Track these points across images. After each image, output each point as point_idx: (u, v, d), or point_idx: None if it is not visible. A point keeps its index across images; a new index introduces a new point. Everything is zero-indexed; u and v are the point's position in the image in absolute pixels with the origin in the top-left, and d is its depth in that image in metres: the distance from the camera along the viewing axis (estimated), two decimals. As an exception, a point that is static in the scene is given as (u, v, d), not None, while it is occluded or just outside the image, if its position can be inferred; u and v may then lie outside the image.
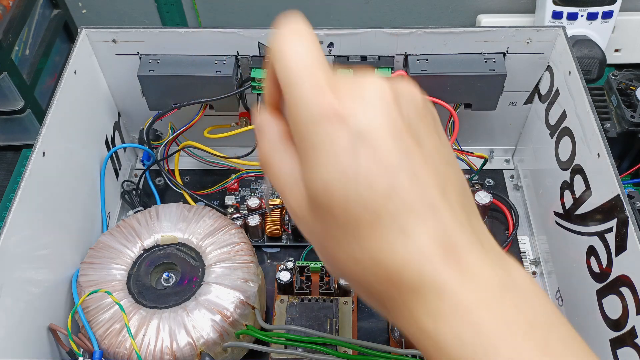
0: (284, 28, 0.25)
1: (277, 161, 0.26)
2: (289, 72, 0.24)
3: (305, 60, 0.24)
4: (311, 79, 0.24)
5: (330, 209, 0.23)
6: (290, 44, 0.24)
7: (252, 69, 0.54)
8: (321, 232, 0.24)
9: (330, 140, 0.23)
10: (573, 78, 0.51)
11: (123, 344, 0.46)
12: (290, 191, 0.25)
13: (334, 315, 0.51)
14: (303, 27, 0.25)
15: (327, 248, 0.25)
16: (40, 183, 0.46)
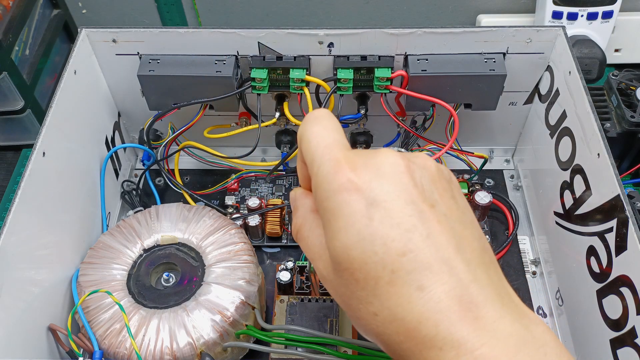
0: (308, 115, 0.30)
1: (307, 231, 0.29)
2: (312, 151, 0.28)
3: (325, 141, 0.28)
4: (330, 157, 0.27)
5: (350, 270, 0.25)
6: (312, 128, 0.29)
7: (252, 69, 0.54)
8: (345, 291, 0.26)
9: (347, 207, 0.25)
10: (573, 78, 0.51)
11: (123, 344, 0.46)
12: (319, 257, 0.28)
13: (334, 315, 0.51)
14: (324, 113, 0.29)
15: (350, 306, 0.26)
16: (40, 183, 0.46)
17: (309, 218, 0.30)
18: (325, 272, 0.28)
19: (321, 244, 0.28)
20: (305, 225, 0.30)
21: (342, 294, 0.27)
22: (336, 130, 0.28)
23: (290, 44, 0.54)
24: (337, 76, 0.53)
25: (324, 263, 0.28)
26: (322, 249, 0.28)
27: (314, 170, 0.27)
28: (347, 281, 0.26)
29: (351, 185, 0.25)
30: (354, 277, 0.25)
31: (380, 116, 0.58)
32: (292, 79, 0.53)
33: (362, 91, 0.56)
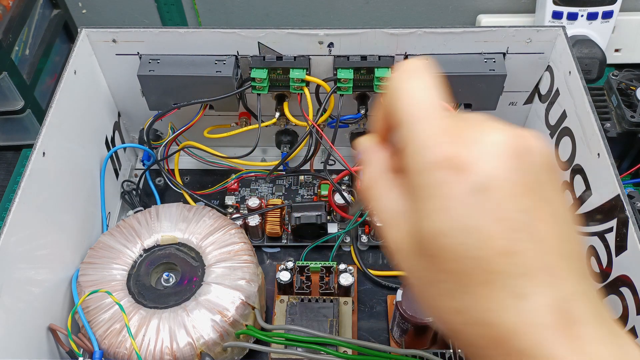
0: (405, 64, 0.25)
1: (382, 191, 0.26)
2: (407, 112, 0.24)
3: (424, 103, 0.24)
4: (430, 123, 0.23)
5: (439, 258, 0.22)
6: (411, 83, 0.24)
7: (252, 69, 0.54)
8: (423, 275, 0.24)
9: (447, 189, 0.22)
10: (573, 78, 0.51)
11: (123, 344, 0.46)
12: (394, 224, 0.25)
13: (334, 315, 0.51)
14: (424, 65, 0.25)
15: (426, 292, 0.24)
16: (40, 183, 0.46)
17: (385, 177, 0.26)
18: (399, 244, 0.24)
19: (398, 210, 0.24)
20: (379, 184, 0.26)
21: (420, 277, 0.24)
22: (435, 89, 0.24)
23: (290, 44, 0.54)
24: (337, 76, 0.53)
25: (399, 232, 0.24)
26: (399, 216, 0.24)
27: (408, 134, 0.23)
28: (431, 267, 0.23)
29: (453, 163, 0.22)
30: (442, 267, 0.22)
31: (380, 116, 0.58)
32: (292, 79, 0.53)
33: (362, 91, 0.56)
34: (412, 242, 0.24)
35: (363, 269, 0.58)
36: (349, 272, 0.53)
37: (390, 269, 0.59)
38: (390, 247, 0.25)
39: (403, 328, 0.49)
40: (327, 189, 0.60)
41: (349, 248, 0.60)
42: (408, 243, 0.24)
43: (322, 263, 0.55)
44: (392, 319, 0.53)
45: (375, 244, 0.60)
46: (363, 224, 0.60)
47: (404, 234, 0.24)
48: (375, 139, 0.28)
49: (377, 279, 0.58)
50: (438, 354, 0.47)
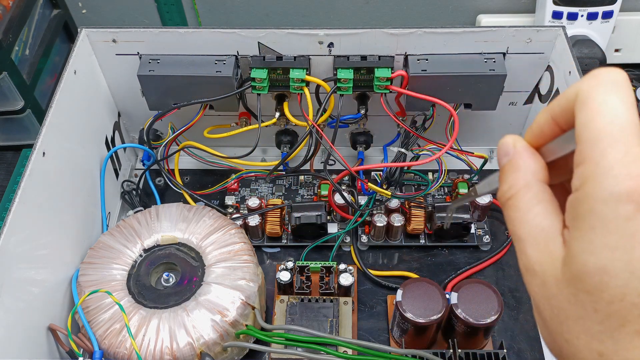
0: (603, 73, 0.22)
1: (526, 203, 0.24)
2: (599, 129, 0.21)
3: (622, 122, 0.21)
4: (626, 149, 0.20)
5: (595, 296, 0.21)
6: (608, 96, 0.21)
7: (252, 69, 0.54)
8: (565, 306, 0.22)
9: (629, 226, 0.20)
10: (573, 78, 0.51)
11: (123, 344, 0.46)
12: (535, 242, 0.23)
13: (334, 315, 0.51)
14: (624, 78, 0.22)
15: (563, 324, 0.22)
16: (40, 183, 0.46)
17: (535, 187, 0.24)
18: (539, 267, 0.23)
19: (544, 228, 0.23)
20: (527, 195, 0.23)
21: (559, 307, 0.22)
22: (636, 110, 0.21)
23: (290, 44, 0.54)
24: (337, 76, 0.53)
25: (542, 255, 0.23)
26: (543, 235, 0.23)
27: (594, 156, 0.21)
28: (579, 302, 0.21)
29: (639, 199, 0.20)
30: (595, 306, 0.21)
31: (380, 116, 0.58)
32: (292, 79, 0.53)
33: (362, 91, 0.56)
34: (563, 269, 0.22)
35: (363, 269, 0.58)
36: (349, 272, 0.53)
37: (391, 269, 0.59)
38: (527, 267, 0.23)
39: (403, 328, 0.49)
40: (327, 189, 0.60)
41: (349, 248, 0.60)
42: (554, 268, 0.22)
43: (322, 263, 0.55)
44: (392, 319, 0.53)
45: (375, 244, 0.60)
46: (363, 224, 0.60)
47: (551, 258, 0.22)
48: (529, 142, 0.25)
49: (377, 279, 0.58)
50: (438, 354, 0.47)
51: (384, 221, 0.58)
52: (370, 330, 0.55)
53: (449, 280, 0.57)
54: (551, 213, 0.23)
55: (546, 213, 0.23)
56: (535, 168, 0.24)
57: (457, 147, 0.59)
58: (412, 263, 0.60)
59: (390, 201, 0.59)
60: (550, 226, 0.23)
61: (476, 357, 0.48)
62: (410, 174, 0.64)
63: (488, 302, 0.48)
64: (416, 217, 0.58)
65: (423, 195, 0.59)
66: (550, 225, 0.23)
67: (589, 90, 0.22)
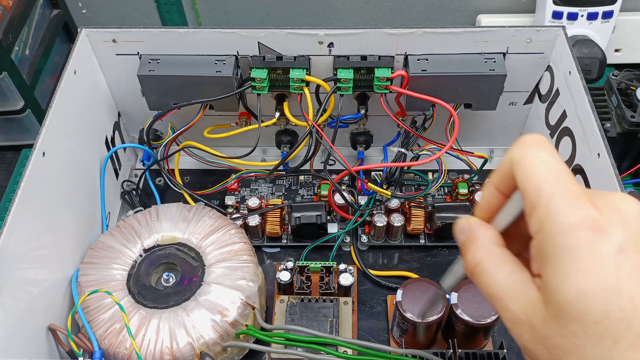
0: (528, 138, 0.25)
1: (493, 266, 0.26)
2: (540, 179, 0.24)
3: (556, 169, 0.24)
4: (566, 188, 0.23)
5: (581, 320, 0.22)
6: (537, 153, 0.25)
7: (252, 69, 0.54)
8: (561, 343, 0.23)
9: (592, 248, 0.22)
10: (573, 78, 0.51)
11: (123, 344, 0.46)
12: (513, 296, 0.25)
13: (334, 315, 0.51)
14: (545, 139, 0.25)
15: (559, 355, 0.23)
16: (40, 183, 0.46)
17: (496, 252, 0.26)
18: (521, 314, 0.24)
19: (516, 282, 0.25)
20: (490, 259, 0.26)
21: (554, 345, 0.23)
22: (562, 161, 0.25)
23: (290, 44, 0.54)
24: (337, 76, 0.53)
25: (522, 303, 0.25)
26: (518, 288, 0.25)
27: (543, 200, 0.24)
28: (570, 332, 0.23)
29: (595, 224, 0.22)
30: (586, 331, 0.22)
31: (380, 116, 0.58)
32: (292, 79, 0.53)
33: (362, 91, 0.56)
34: (546, 308, 0.24)
35: (363, 269, 0.58)
36: (349, 272, 0.53)
37: (391, 269, 0.59)
38: (513, 320, 0.25)
39: (403, 328, 0.49)
40: (327, 189, 0.60)
41: (349, 248, 0.60)
42: (537, 311, 0.24)
43: (322, 263, 0.55)
44: (392, 319, 0.53)
45: (375, 244, 0.60)
46: (363, 224, 0.60)
47: (531, 303, 0.24)
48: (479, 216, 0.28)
49: (377, 279, 0.58)
50: (438, 354, 0.47)
51: (384, 221, 0.58)
52: (370, 330, 0.55)
53: (449, 280, 0.57)
54: (518, 269, 0.25)
55: (513, 270, 0.25)
56: (491, 235, 0.27)
57: (457, 147, 0.59)
58: (412, 263, 0.60)
59: (390, 201, 0.59)
60: (522, 279, 0.25)
61: (476, 357, 0.48)
62: (410, 174, 0.64)
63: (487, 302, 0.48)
64: (416, 217, 0.58)
65: (423, 195, 0.59)
66: (521, 278, 0.25)
67: (521, 153, 0.25)
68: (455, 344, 0.48)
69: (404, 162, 0.58)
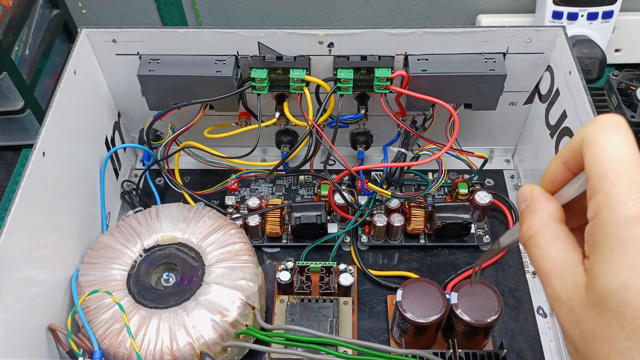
0: (603, 119, 0.25)
1: (546, 240, 0.26)
2: (607, 164, 0.24)
3: (626, 157, 0.23)
4: (632, 178, 0.23)
5: (619, 312, 0.22)
6: (611, 136, 0.24)
7: (252, 69, 0.54)
8: (595, 329, 0.24)
9: None
10: (573, 78, 0.51)
11: (123, 344, 0.46)
12: (559, 274, 0.25)
13: (334, 315, 0.51)
14: (623, 121, 0.25)
15: (592, 345, 0.24)
16: (40, 183, 0.46)
17: (552, 226, 0.26)
18: (565, 295, 0.25)
19: (565, 260, 0.25)
20: (546, 233, 0.26)
21: (588, 330, 0.24)
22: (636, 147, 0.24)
23: (290, 44, 0.54)
24: (337, 76, 0.53)
25: (566, 284, 0.25)
26: (566, 267, 0.25)
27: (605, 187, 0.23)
28: (606, 321, 0.23)
29: None
30: (621, 323, 0.22)
31: (380, 116, 0.58)
32: (292, 79, 0.53)
33: (362, 91, 0.56)
34: (587, 293, 0.24)
35: (363, 269, 0.58)
36: (349, 272, 0.53)
37: (391, 269, 0.59)
38: (554, 297, 0.25)
39: (403, 328, 0.49)
40: (327, 189, 0.60)
41: (349, 248, 0.60)
42: (579, 293, 0.24)
43: (322, 263, 0.55)
44: (392, 319, 0.53)
45: (375, 244, 0.60)
46: (363, 224, 0.60)
47: (575, 285, 0.24)
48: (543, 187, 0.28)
49: (377, 279, 0.58)
50: (438, 354, 0.47)
51: (384, 221, 0.58)
52: (370, 330, 0.55)
53: (449, 280, 0.57)
54: (570, 247, 0.25)
55: (566, 247, 0.26)
56: (551, 209, 0.27)
57: (457, 147, 0.59)
58: (412, 263, 0.60)
59: (390, 201, 0.59)
60: (571, 258, 0.25)
61: (476, 357, 0.48)
62: (410, 174, 0.64)
63: (488, 302, 0.48)
64: (416, 217, 0.58)
65: (423, 195, 0.59)
66: (570, 257, 0.25)
67: (593, 134, 0.25)
68: (455, 344, 0.48)
69: (404, 162, 0.58)
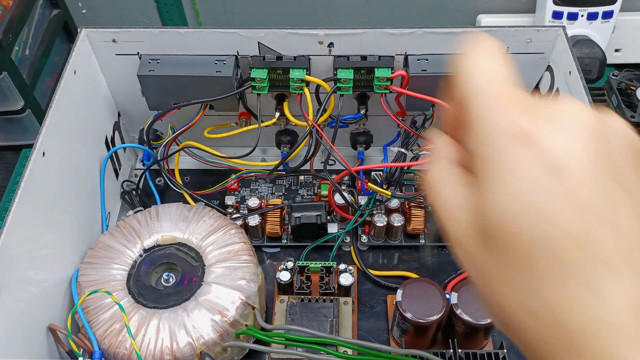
0: (473, 44, 0.24)
1: (445, 187, 0.24)
2: (474, 84, 0.22)
3: (493, 74, 0.22)
4: (499, 93, 0.21)
5: (504, 242, 0.20)
6: (478, 58, 0.23)
7: (252, 69, 0.54)
8: (487, 265, 0.22)
9: (517, 164, 0.20)
10: (573, 78, 0.51)
11: (123, 344, 0.46)
12: (455, 217, 0.23)
13: (334, 315, 0.51)
14: (494, 42, 0.24)
15: (489, 285, 0.22)
16: (40, 183, 0.46)
17: (451, 173, 0.24)
18: (460, 235, 0.23)
19: (461, 203, 0.23)
20: (446, 181, 0.24)
21: (483, 269, 0.22)
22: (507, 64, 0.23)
23: (290, 44, 0.54)
24: (337, 76, 0.53)
25: (461, 224, 0.22)
26: (461, 208, 0.23)
27: (475, 107, 0.22)
28: (495, 255, 0.21)
29: (524, 135, 0.20)
30: (507, 253, 0.20)
31: (381, 116, 0.58)
32: (292, 79, 0.53)
33: (362, 91, 0.56)
34: (476, 231, 0.22)
35: (363, 269, 0.58)
36: (349, 272, 0.53)
37: (391, 269, 0.59)
38: (452, 243, 0.23)
39: (403, 328, 0.49)
40: (327, 189, 0.60)
41: (349, 248, 0.60)
42: (471, 234, 0.22)
43: (322, 263, 0.55)
44: (392, 319, 0.53)
45: (375, 244, 0.60)
46: (363, 224, 0.60)
47: (467, 225, 0.22)
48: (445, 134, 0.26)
49: (377, 279, 0.58)
50: (438, 354, 0.47)
51: (384, 221, 0.58)
52: (370, 330, 0.55)
53: (449, 280, 0.57)
54: (467, 187, 0.23)
55: (462, 190, 0.23)
56: (449, 153, 0.25)
57: (457, 147, 0.59)
58: (412, 263, 0.60)
59: (390, 201, 0.59)
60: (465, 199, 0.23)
61: (476, 357, 0.48)
62: (410, 174, 0.64)
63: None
64: (416, 217, 0.58)
65: (423, 195, 0.59)
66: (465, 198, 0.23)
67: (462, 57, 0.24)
68: (455, 344, 0.48)
69: (404, 162, 0.58)
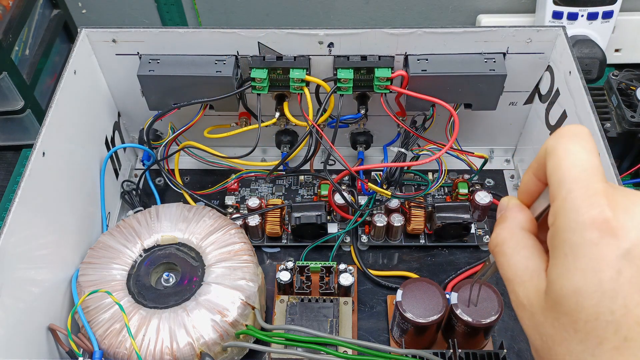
0: (565, 129, 0.25)
1: (511, 248, 0.27)
2: (563, 171, 0.24)
3: (583, 165, 0.24)
4: (587, 184, 0.23)
5: (573, 318, 0.23)
6: (569, 145, 0.25)
7: (252, 69, 0.54)
8: (552, 333, 0.24)
9: (596, 249, 0.22)
10: (573, 78, 0.51)
11: (123, 344, 0.46)
12: (521, 281, 0.26)
13: (334, 315, 0.51)
14: (585, 131, 0.25)
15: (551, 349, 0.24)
16: (40, 183, 0.46)
17: (518, 235, 0.27)
18: (526, 301, 0.25)
19: (529, 267, 0.26)
20: (512, 242, 0.27)
21: (546, 334, 0.24)
22: (596, 155, 0.25)
23: (290, 44, 0.54)
24: (337, 76, 0.53)
25: (528, 289, 0.25)
26: (528, 274, 0.26)
27: (562, 194, 0.24)
28: (561, 325, 0.23)
29: (606, 226, 0.22)
30: (574, 327, 0.23)
31: (380, 116, 0.58)
32: (292, 79, 0.53)
33: (362, 91, 0.56)
34: (545, 298, 0.24)
35: (363, 269, 0.58)
36: (349, 272, 0.53)
37: (390, 269, 0.59)
38: (517, 303, 0.26)
39: (403, 328, 0.49)
40: (327, 189, 0.60)
41: (349, 248, 0.60)
42: (539, 299, 0.25)
43: (322, 263, 0.55)
44: (392, 319, 0.53)
45: (375, 244, 0.60)
46: (363, 224, 0.60)
47: (535, 290, 0.25)
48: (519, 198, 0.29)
49: (377, 279, 0.58)
50: (438, 354, 0.47)
51: (384, 221, 0.58)
52: (370, 330, 0.55)
53: (449, 280, 0.57)
54: (535, 255, 0.26)
55: (530, 256, 0.26)
56: (521, 219, 0.28)
57: (457, 147, 0.59)
58: (412, 263, 0.60)
59: (390, 201, 0.59)
60: (535, 266, 0.26)
61: (476, 357, 0.48)
62: (410, 174, 0.64)
63: (488, 302, 0.48)
64: (416, 217, 0.58)
65: (423, 195, 0.59)
66: (534, 265, 0.26)
67: (554, 143, 0.25)
68: (455, 344, 0.48)
69: (404, 162, 0.58)
